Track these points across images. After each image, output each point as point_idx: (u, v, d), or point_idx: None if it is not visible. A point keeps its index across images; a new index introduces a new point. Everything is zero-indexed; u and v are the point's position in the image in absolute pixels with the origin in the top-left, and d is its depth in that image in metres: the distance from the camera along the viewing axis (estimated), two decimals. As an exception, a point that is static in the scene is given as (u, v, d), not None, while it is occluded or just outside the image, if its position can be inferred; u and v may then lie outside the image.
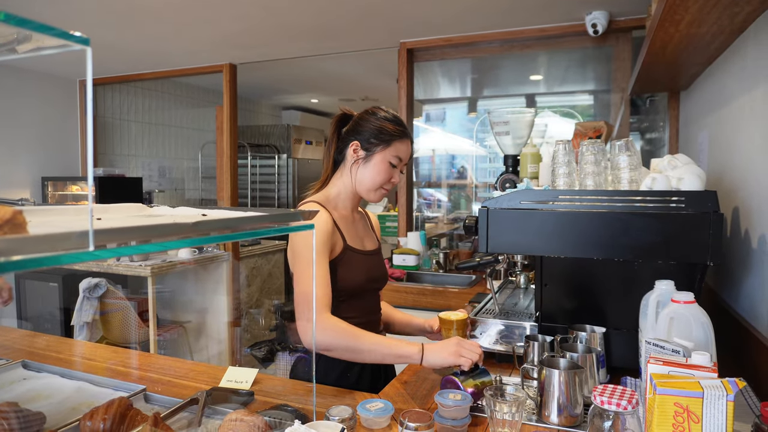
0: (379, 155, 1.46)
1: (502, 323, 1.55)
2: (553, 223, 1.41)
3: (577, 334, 1.39)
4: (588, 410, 1.16)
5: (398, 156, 1.47)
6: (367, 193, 1.49)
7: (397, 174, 1.49)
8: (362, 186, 1.48)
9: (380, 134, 1.46)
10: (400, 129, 1.48)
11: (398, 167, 1.48)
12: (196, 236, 0.72)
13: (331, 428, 0.90)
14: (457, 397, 1.11)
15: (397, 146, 1.47)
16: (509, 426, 1.07)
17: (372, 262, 1.52)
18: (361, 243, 1.52)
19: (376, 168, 1.46)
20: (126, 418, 1.00)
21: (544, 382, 1.16)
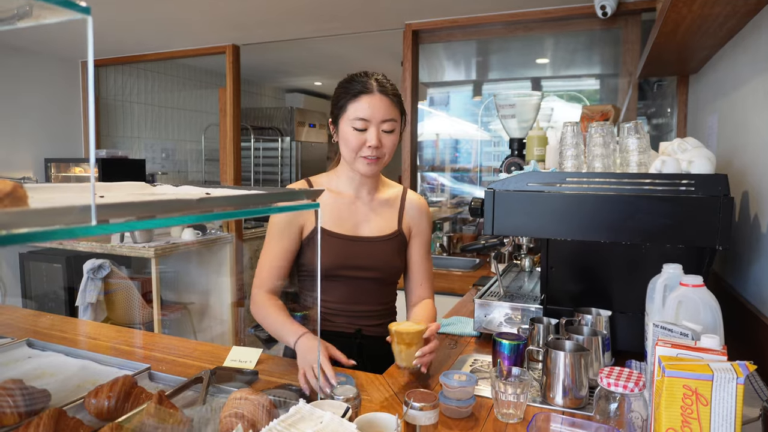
0: (342, 123, 1.37)
1: (506, 305, 1.54)
2: (560, 206, 1.40)
3: (582, 317, 1.38)
4: (593, 393, 1.16)
5: (359, 117, 1.32)
6: (351, 166, 1.40)
7: (373, 136, 1.32)
8: (345, 161, 1.42)
9: (337, 101, 1.38)
10: (351, 86, 1.34)
11: (369, 128, 1.33)
12: (200, 213, 0.71)
13: (336, 407, 0.89)
14: (462, 378, 1.10)
15: (353, 107, 1.33)
16: (514, 407, 1.07)
17: (355, 249, 1.43)
18: (350, 227, 1.44)
19: (344, 138, 1.36)
20: (131, 395, 1.00)
21: (550, 364, 1.15)
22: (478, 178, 4.33)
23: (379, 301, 1.50)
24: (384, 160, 1.39)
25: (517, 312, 1.55)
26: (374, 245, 1.46)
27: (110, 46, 4.09)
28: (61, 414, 0.89)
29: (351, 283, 1.44)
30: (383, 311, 1.52)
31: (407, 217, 1.53)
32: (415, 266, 1.55)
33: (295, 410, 0.86)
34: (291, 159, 5.70)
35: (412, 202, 1.55)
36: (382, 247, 1.47)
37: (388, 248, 1.48)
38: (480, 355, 1.47)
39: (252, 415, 0.91)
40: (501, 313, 1.55)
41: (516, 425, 1.06)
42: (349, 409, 0.89)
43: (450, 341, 1.58)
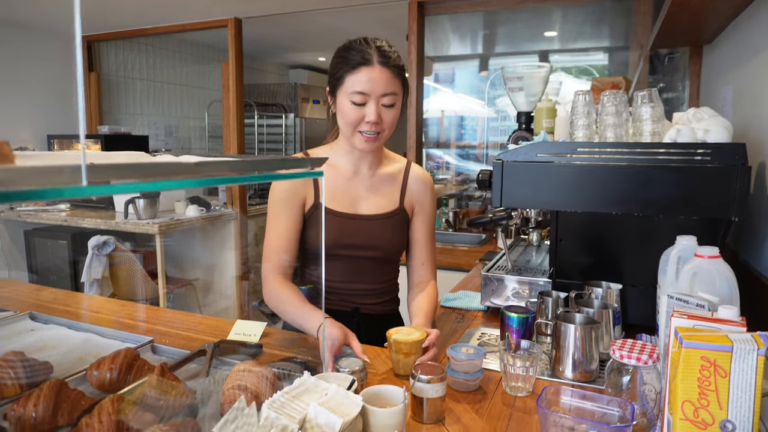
0: (339, 95, 1.28)
1: (514, 279, 1.52)
2: (571, 177, 1.36)
3: (592, 290, 1.35)
4: (603, 366, 1.14)
5: (357, 91, 1.24)
6: (349, 141, 1.33)
7: (372, 111, 1.24)
8: (343, 135, 1.35)
9: (335, 71, 1.29)
10: (350, 56, 1.25)
11: (368, 102, 1.25)
12: (198, 177, 0.68)
13: (341, 380, 0.88)
14: (470, 350, 1.08)
15: (351, 80, 1.24)
16: (523, 380, 1.05)
17: (353, 227, 1.38)
18: (348, 204, 1.39)
19: (341, 111, 1.28)
20: (133, 368, 0.99)
21: (560, 337, 1.13)
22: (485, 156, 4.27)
23: (378, 279, 1.46)
24: (384, 135, 1.32)
25: (525, 286, 1.52)
26: (373, 223, 1.40)
27: (110, 20, 4.03)
28: (62, 385, 0.87)
29: (349, 261, 1.40)
30: (383, 289, 1.47)
31: (410, 193, 1.47)
32: (417, 245, 1.49)
33: (299, 382, 0.84)
34: (295, 136, 5.64)
35: (416, 176, 1.48)
36: (381, 226, 1.41)
37: (388, 226, 1.42)
38: (487, 328, 1.45)
39: (255, 387, 0.89)
40: (508, 287, 1.53)
41: (525, 398, 1.04)
42: (354, 382, 0.87)
43: (457, 315, 1.56)
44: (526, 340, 1.21)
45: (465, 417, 0.96)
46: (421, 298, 1.38)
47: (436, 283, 1.48)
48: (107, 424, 0.76)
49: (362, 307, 1.43)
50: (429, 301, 1.37)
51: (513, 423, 0.95)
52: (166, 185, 0.61)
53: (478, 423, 0.94)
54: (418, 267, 1.49)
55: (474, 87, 4.74)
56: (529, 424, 0.95)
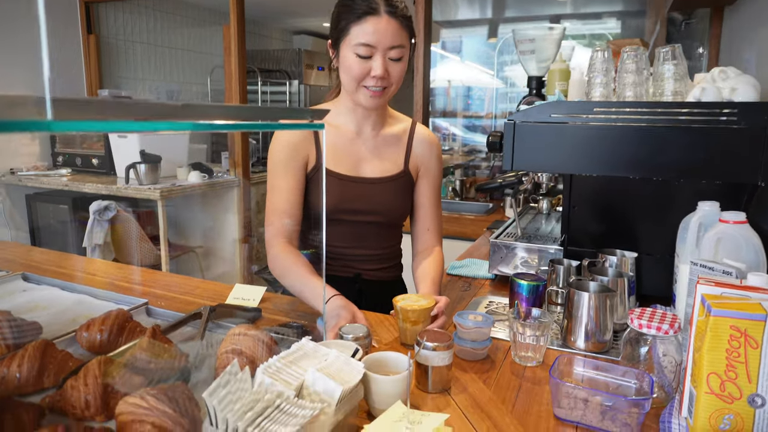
0: (343, 48, 1.20)
1: (524, 247, 1.46)
2: (587, 139, 1.29)
3: (606, 258, 1.29)
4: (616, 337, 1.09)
5: (362, 43, 1.16)
6: (352, 97, 1.25)
7: (379, 65, 1.17)
8: (346, 91, 1.27)
9: (338, 21, 1.20)
10: (355, 4, 1.17)
11: (374, 55, 1.17)
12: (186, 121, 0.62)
13: (344, 347, 0.83)
14: (478, 318, 1.03)
15: (356, 30, 1.16)
16: (533, 350, 1.00)
17: (355, 190, 1.31)
18: (350, 166, 1.32)
19: (345, 65, 1.20)
20: (124, 330, 0.94)
21: (572, 306, 1.07)
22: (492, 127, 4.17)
23: (380, 245, 1.40)
24: (390, 91, 1.25)
25: (534, 254, 1.46)
26: (376, 187, 1.34)
27: (109, -21, 3.90)
28: (49, 346, 0.83)
29: (350, 226, 1.34)
30: (385, 255, 1.42)
31: (415, 155, 1.40)
32: (422, 209, 1.42)
33: (297, 347, 0.79)
34: (299, 103, 5.53)
35: (421, 137, 1.41)
36: (385, 189, 1.34)
37: (392, 190, 1.35)
38: (495, 297, 1.40)
39: (251, 351, 0.84)
40: (518, 255, 1.47)
41: (534, 369, 1.00)
42: (358, 350, 0.82)
43: (463, 283, 1.51)
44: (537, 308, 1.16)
45: (472, 386, 0.92)
46: (426, 265, 1.32)
47: (441, 249, 1.42)
48: (93, 386, 0.71)
49: (364, 273, 1.37)
50: (435, 268, 1.31)
51: (522, 394, 0.90)
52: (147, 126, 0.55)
53: (486, 393, 0.89)
54: (423, 233, 1.43)
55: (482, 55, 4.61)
56: (539, 395, 0.90)
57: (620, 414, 0.80)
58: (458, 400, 0.87)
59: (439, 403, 0.86)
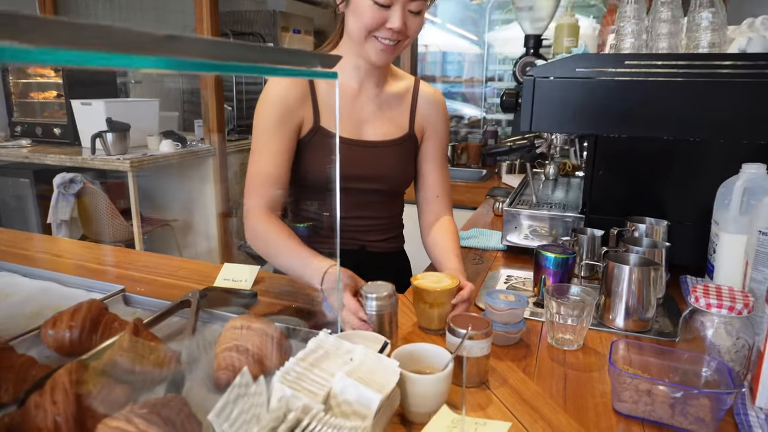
0: None
1: (541, 215, 1.34)
2: (616, 96, 1.16)
3: (636, 226, 1.18)
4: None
5: None
6: (359, 49, 1.10)
7: (398, 17, 1.02)
8: (353, 40, 1.10)
9: None
10: None
11: (393, 6, 1.02)
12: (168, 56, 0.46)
13: (370, 340, 0.69)
14: (510, 297, 0.91)
15: None
16: (572, 332, 0.89)
17: (358, 155, 1.17)
18: (352, 128, 1.17)
19: (357, 10, 1.04)
20: (99, 325, 0.79)
21: (611, 280, 0.96)
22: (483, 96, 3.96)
23: (383, 215, 1.28)
24: (402, 46, 1.09)
25: (550, 223, 1.34)
26: (380, 151, 1.20)
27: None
28: (5, 350, 0.67)
29: (352, 194, 1.20)
30: (389, 225, 1.29)
31: (420, 116, 1.25)
32: (429, 175, 1.28)
33: (316, 344, 0.65)
34: (274, 68, 5.27)
35: (427, 97, 1.26)
36: (389, 154, 1.21)
37: (397, 154, 1.22)
38: (511, 270, 1.28)
39: (258, 349, 0.70)
40: (533, 224, 1.35)
41: (576, 353, 0.88)
42: (387, 344, 0.69)
43: (474, 255, 1.39)
44: (566, 283, 1.04)
45: (512, 377, 0.80)
46: (444, 238, 1.19)
47: (452, 217, 1.29)
48: (63, 404, 0.56)
49: (367, 245, 1.23)
50: (454, 240, 1.17)
51: (570, 384, 0.79)
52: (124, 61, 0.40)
53: (529, 385, 0.78)
54: (432, 200, 1.29)
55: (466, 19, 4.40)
56: (589, 385, 0.79)
57: (691, 408, 0.69)
58: (500, 394, 0.75)
59: (480, 399, 0.74)
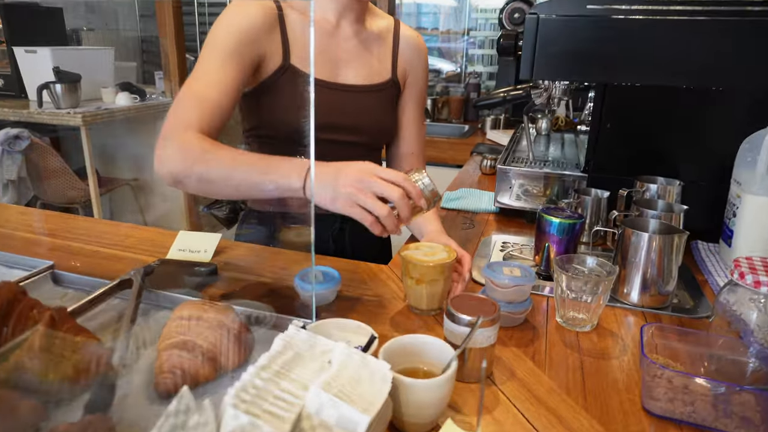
0: None
1: (539, 174, 1.20)
2: (633, 38, 1.01)
3: (646, 187, 1.05)
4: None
5: None
6: None
7: None
8: None
9: None
10: None
11: None
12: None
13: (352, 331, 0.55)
14: (514, 271, 0.77)
15: None
16: (585, 311, 0.76)
17: (335, 101, 1.01)
18: (329, 69, 1.00)
19: None
20: (11, 315, 0.63)
21: (627, 249, 0.83)
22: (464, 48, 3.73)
23: None
24: None
25: (540, 183, 1.21)
26: (360, 97, 1.04)
27: None
28: None
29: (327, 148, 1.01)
30: None
31: (402, 60, 1.09)
32: (407, 129, 1.13)
33: (282, 344, 0.51)
34: None
35: (408, 39, 1.10)
36: (370, 101, 1.05)
37: (378, 102, 1.06)
38: (506, 235, 1.15)
39: (211, 345, 0.56)
40: (529, 184, 1.22)
41: (590, 335, 0.76)
42: (375, 338, 0.55)
43: (463, 219, 1.25)
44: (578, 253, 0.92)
45: (520, 368, 0.67)
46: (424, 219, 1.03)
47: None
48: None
49: None
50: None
51: (589, 375, 0.67)
52: None
53: (541, 379, 0.65)
54: (407, 157, 1.13)
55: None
56: (610, 375, 0.67)
57: (734, 406, 0.57)
58: (509, 391, 0.63)
59: (485, 397, 0.61)
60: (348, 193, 0.68)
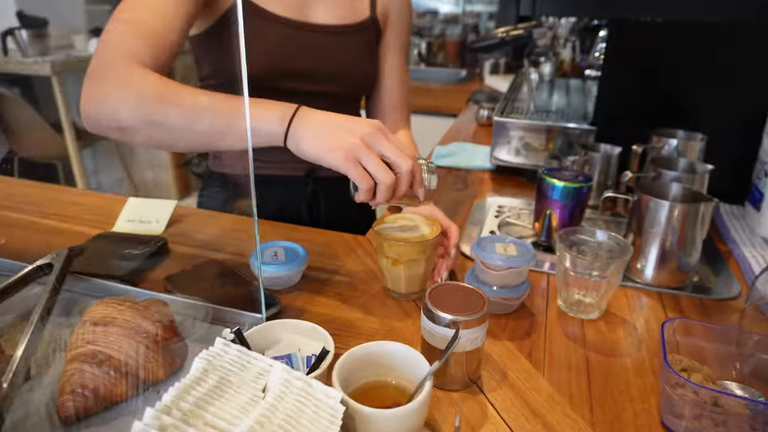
0: None
1: (541, 126, 1.06)
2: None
3: (665, 142, 0.92)
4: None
5: None
6: None
7: None
8: None
9: None
10: None
11: None
12: None
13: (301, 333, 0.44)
14: (510, 249, 0.65)
15: None
16: (593, 294, 0.65)
17: (304, 43, 0.85)
18: (297, 5, 0.84)
19: None
20: None
21: (643, 219, 0.71)
22: None
23: None
24: None
25: (542, 137, 1.07)
26: (334, 40, 0.88)
27: None
28: None
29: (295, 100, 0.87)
30: None
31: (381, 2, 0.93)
32: (388, 78, 0.97)
33: (204, 364, 0.39)
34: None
35: None
36: (345, 43, 0.90)
37: (356, 46, 0.91)
38: (503, 198, 1.02)
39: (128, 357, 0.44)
40: (530, 137, 1.08)
41: (597, 324, 0.65)
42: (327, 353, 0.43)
43: (455, 179, 1.12)
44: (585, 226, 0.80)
45: (513, 369, 0.56)
46: None
47: (411, 133, 1.00)
48: None
49: (316, 170, 0.94)
50: None
51: (596, 378, 0.56)
52: None
53: (540, 384, 0.54)
54: (389, 111, 0.98)
55: None
56: (622, 378, 0.56)
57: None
58: (499, 401, 0.52)
59: (470, 410, 0.51)
60: (353, 145, 0.54)
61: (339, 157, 0.54)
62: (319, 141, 0.56)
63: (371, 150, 0.55)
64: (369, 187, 0.55)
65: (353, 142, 0.55)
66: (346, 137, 0.55)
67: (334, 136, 0.56)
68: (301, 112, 0.59)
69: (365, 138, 0.55)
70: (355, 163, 0.55)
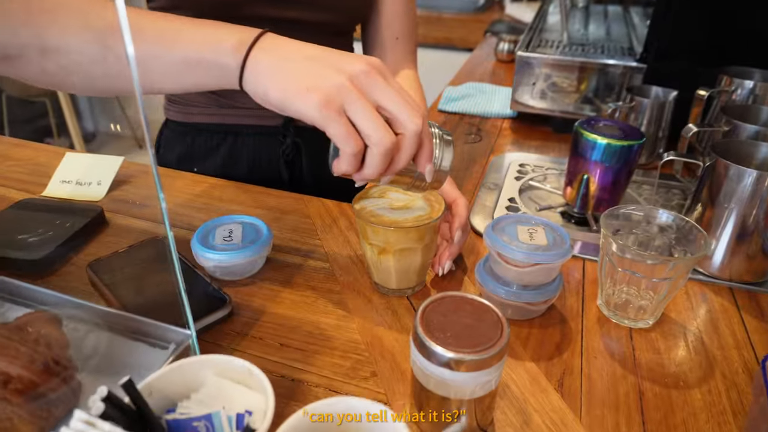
0: None
1: (575, 63, 0.86)
2: None
3: (736, 83, 0.72)
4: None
5: None
6: None
7: None
8: None
9: None
10: None
11: None
12: None
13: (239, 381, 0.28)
14: (538, 235, 0.48)
15: None
16: (648, 297, 0.48)
17: None
18: None
19: None
20: None
21: (719, 192, 0.54)
22: None
23: None
24: None
25: (574, 76, 0.88)
26: None
27: None
28: None
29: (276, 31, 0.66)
30: None
31: None
32: (386, 5, 0.76)
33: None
34: None
35: None
36: None
37: None
38: (525, 153, 0.84)
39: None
40: (561, 77, 0.88)
41: (649, 334, 0.49)
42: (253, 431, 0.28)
43: (468, 127, 0.94)
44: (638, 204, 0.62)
45: (539, 411, 0.41)
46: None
47: (417, 74, 0.80)
48: None
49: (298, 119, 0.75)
50: None
51: (653, 423, 0.40)
52: None
53: (573, 429, 0.39)
54: (391, 45, 0.78)
55: None
56: (689, 420, 0.40)
57: None
58: (518, 464, 0.37)
59: (476, 481, 0.36)
60: (337, 86, 0.37)
61: (314, 101, 0.37)
62: (288, 78, 0.38)
63: (363, 95, 0.38)
64: (355, 149, 0.38)
65: (338, 82, 0.37)
66: (329, 75, 0.38)
67: (311, 73, 0.38)
68: (265, 39, 0.41)
69: (356, 78, 0.38)
70: (339, 112, 0.37)
